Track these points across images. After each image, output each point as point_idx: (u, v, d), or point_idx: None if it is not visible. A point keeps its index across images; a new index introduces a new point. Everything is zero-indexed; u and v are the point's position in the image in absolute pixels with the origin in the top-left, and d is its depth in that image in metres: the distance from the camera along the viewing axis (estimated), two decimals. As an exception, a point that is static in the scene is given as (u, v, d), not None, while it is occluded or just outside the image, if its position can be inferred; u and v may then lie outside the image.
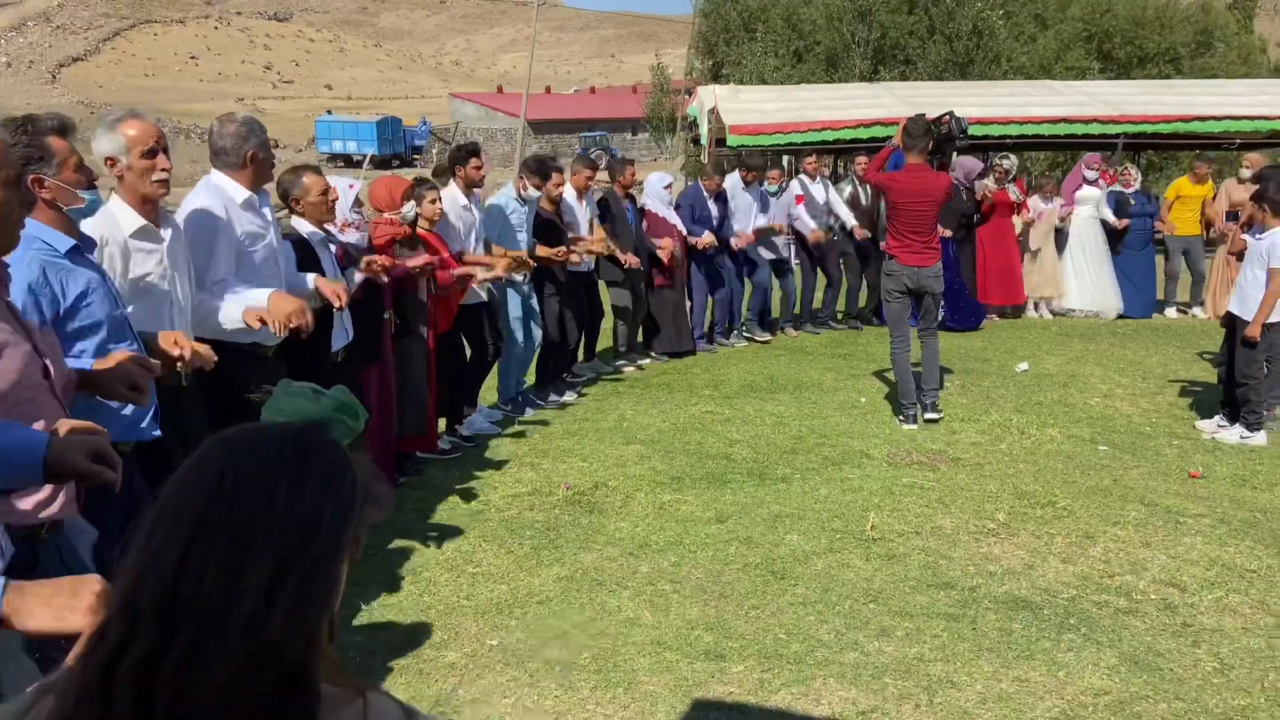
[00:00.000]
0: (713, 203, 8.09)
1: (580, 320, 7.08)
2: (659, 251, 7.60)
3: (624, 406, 6.65)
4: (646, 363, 7.92)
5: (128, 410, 2.61)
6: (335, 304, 3.78)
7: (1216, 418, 6.07)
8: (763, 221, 8.45)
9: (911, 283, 6.14)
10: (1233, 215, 9.08)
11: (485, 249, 6.03)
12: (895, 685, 3.19)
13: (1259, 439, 5.75)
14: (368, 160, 38.23)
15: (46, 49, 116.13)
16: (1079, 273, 9.86)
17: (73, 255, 2.47)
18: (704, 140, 13.96)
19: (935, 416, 6.20)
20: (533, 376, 6.87)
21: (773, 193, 8.67)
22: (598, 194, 7.46)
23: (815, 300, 9.35)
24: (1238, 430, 5.82)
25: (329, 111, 60.49)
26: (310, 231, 4.13)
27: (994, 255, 9.61)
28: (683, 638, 3.51)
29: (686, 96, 20.52)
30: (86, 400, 2.29)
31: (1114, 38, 24.04)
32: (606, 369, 7.65)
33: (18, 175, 2.00)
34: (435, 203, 5.29)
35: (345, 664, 2.28)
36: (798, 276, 9.10)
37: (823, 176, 9.19)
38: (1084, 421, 6.23)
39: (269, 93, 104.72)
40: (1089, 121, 13.17)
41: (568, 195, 6.86)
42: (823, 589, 3.89)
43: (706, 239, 7.89)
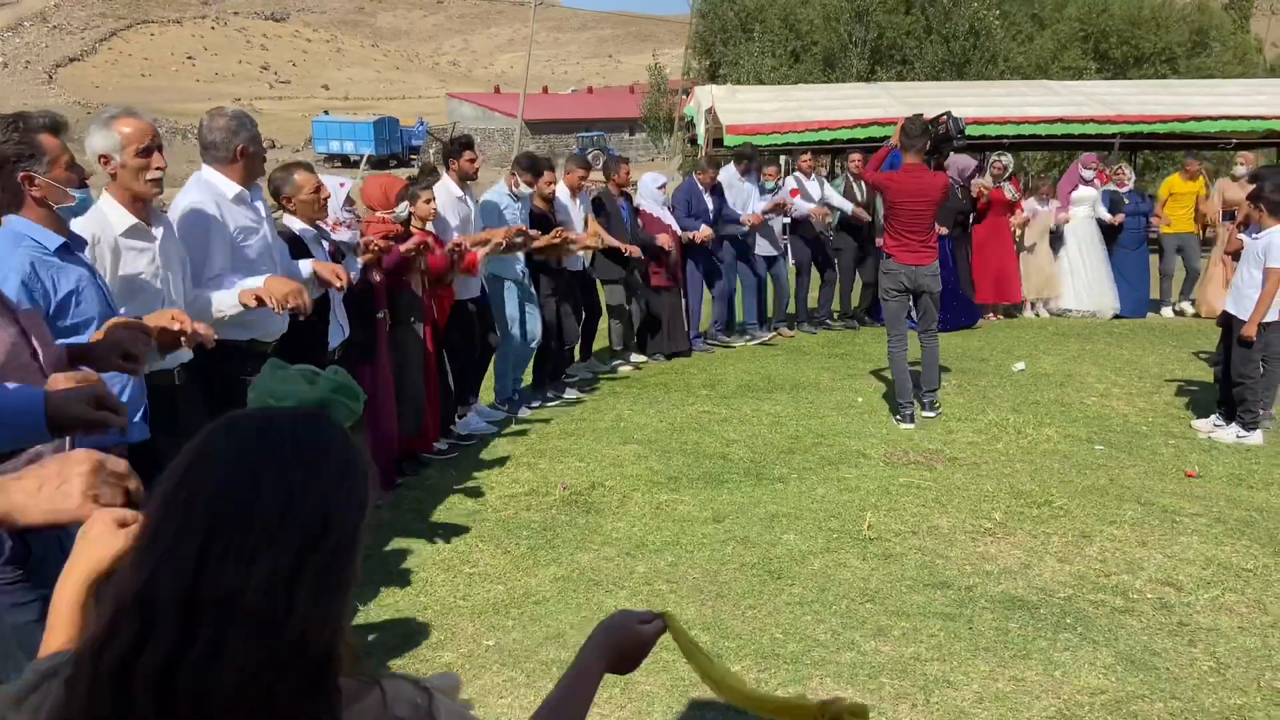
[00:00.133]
0: (708, 196, 8.10)
1: (577, 319, 7.08)
2: (659, 240, 7.59)
3: (621, 406, 6.64)
4: (642, 360, 7.92)
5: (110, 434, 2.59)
6: (336, 284, 3.77)
7: (1213, 417, 6.07)
8: (766, 205, 8.43)
9: (909, 281, 6.14)
10: (1229, 215, 9.10)
11: None
12: (892, 685, 3.19)
13: (1255, 438, 5.75)
14: (365, 160, 38.16)
15: (43, 49, 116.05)
16: (1076, 272, 9.88)
17: (62, 253, 2.46)
18: (701, 140, 13.98)
19: (932, 415, 6.22)
20: (529, 377, 6.86)
21: (770, 189, 8.71)
22: (593, 193, 7.46)
23: (810, 300, 9.36)
24: (1234, 429, 5.83)
25: (326, 112, 60.41)
26: (302, 229, 4.13)
27: (990, 255, 9.63)
28: (679, 638, 3.50)
29: (684, 97, 20.53)
30: None
31: (1110, 37, 24.09)
32: (603, 368, 7.64)
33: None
34: (430, 202, 5.28)
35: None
36: (791, 275, 9.11)
37: (818, 174, 9.20)
38: (1080, 421, 6.24)
39: (266, 93, 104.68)
40: (1085, 121, 13.21)
41: (561, 194, 6.84)
42: (819, 589, 3.89)
43: (704, 232, 7.90)
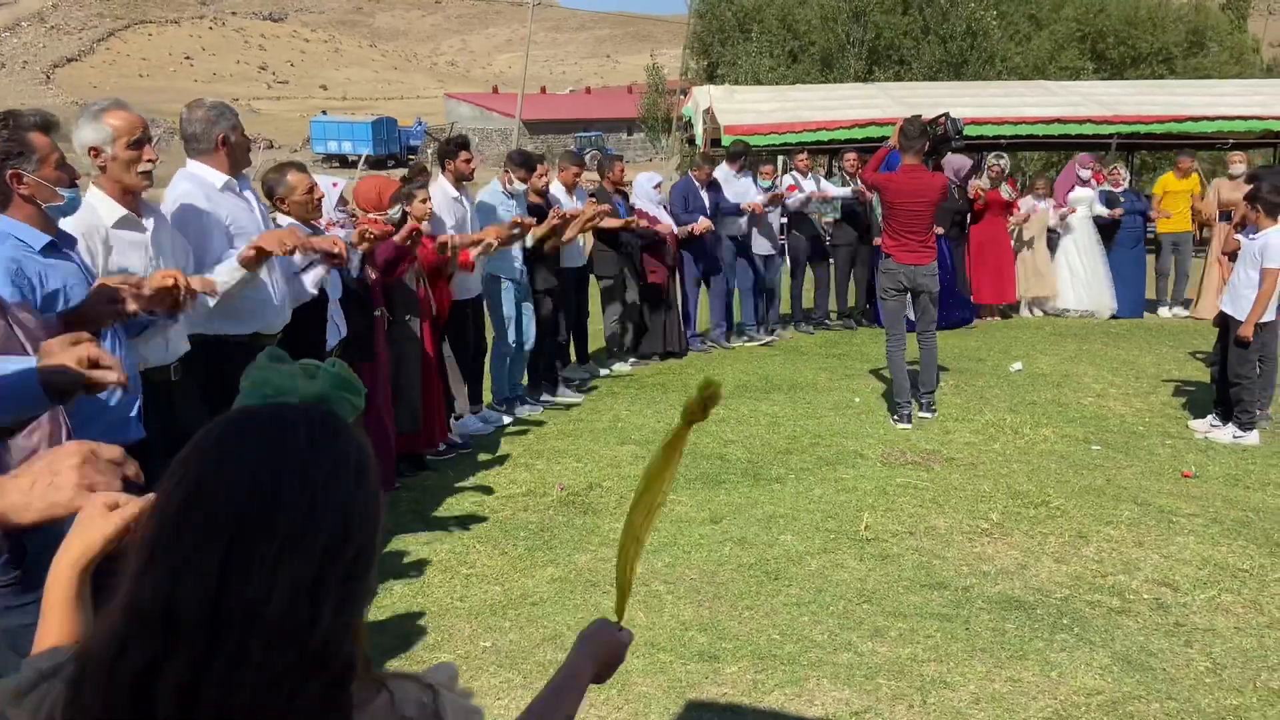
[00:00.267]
0: (704, 192, 8.13)
1: (568, 318, 7.08)
2: (657, 228, 7.61)
3: (618, 407, 6.64)
4: (640, 362, 7.91)
5: (113, 400, 2.57)
6: (333, 250, 3.76)
7: (1209, 417, 6.08)
8: (767, 195, 8.45)
9: (907, 281, 6.15)
10: (1225, 215, 9.10)
11: None
12: (889, 686, 3.19)
13: (1251, 438, 5.76)
14: (363, 161, 38.15)
15: (41, 49, 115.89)
16: (1073, 272, 9.89)
17: (48, 251, 2.44)
18: (699, 140, 13.97)
19: (929, 416, 6.22)
20: (526, 378, 6.86)
21: (767, 188, 8.73)
22: (589, 189, 7.48)
23: (806, 299, 9.36)
24: (1230, 430, 5.83)
25: (324, 112, 60.41)
26: (296, 228, 4.12)
27: (987, 255, 9.63)
28: (677, 639, 3.50)
29: (682, 97, 20.50)
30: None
31: (1107, 38, 24.09)
32: (601, 370, 7.64)
33: None
34: (426, 201, 5.28)
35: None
36: (785, 274, 9.12)
37: (814, 173, 9.22)
38: (1077, 421, 6.24)
39: (264, 93, 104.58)
40: (1083, 122, 13.21)
41: (557, 191, 6.91)
42: (816, 589, 3.89)
43: (702, 224, 7.92)
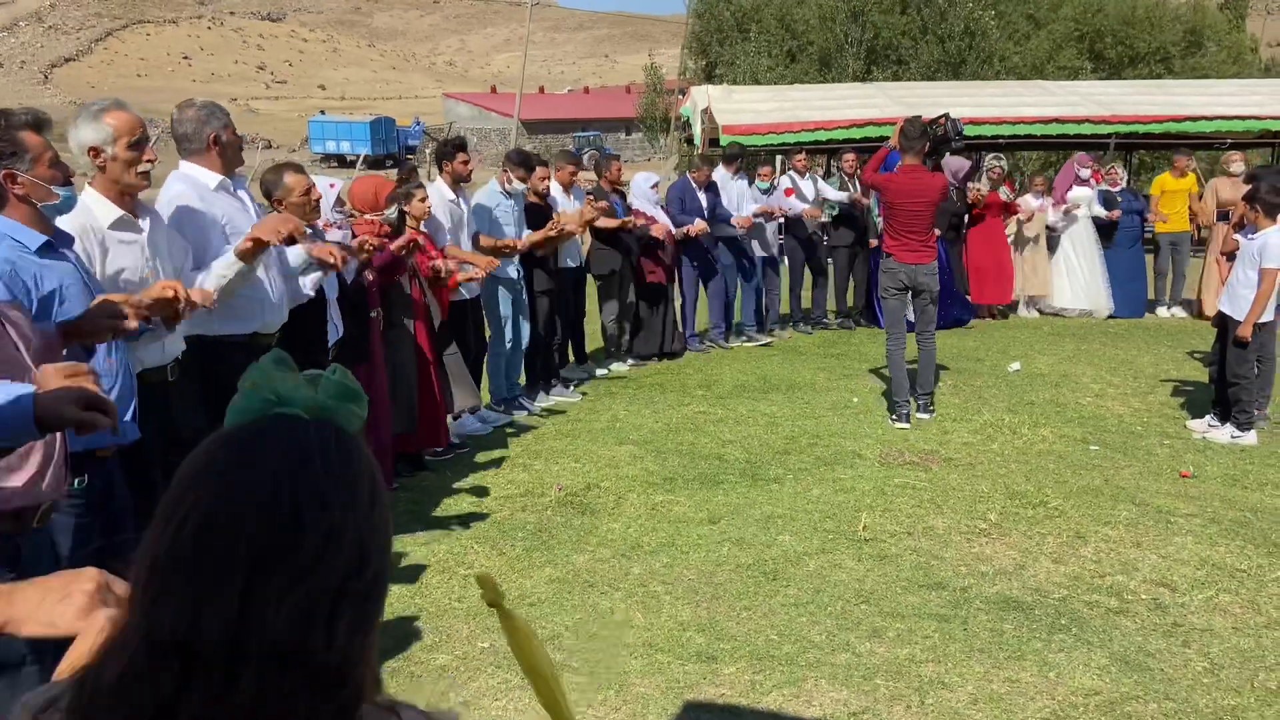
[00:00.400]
0: (702, 194, 8.13)
1: (565, 318, 7.08)
2: (653, 230, 7.61)
3: (616, 407, 6.64)
4: (638, 362, 7.90)
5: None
6: (331, 260, 3.77)
7: (1207, 417, 6.08)
8: (758, 207, 8.45)
9: (908, 280, 6.16)
10: (1223, 215, 9.11)
11: (474, 243, 6.02)
12: (887, 686, 3.19)
13: (1249, 439, 5.76)
14: (361, 161, 38.14)
15: (38, 49, 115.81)
16: (1071, 272, 9.88)
17: (45, 252, 2.42)
18: (697, 140, 13.97)
19: (927, 416, 6.22)
20: (524, 378, 6.85)
21: (764, 189, 8.72)
22: (586, 190, 7.48)
23: (804, 299, 9.37)
24: (1228, 430, 5.84)
25: (322, 112, 60.29)
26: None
27: (986, 256, 9.63)
28: (674, 639, 3.50)
29: (680, 97, 20.50)
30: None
31: (1105, 37, 24.12)
32: (598, 370, 7.64)
33: None
34: (424, 201, 5.27)
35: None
36: (784, 276, 9.12)
37: (812, 173, 9.22)
38: (1076, 421, 6.24)
39: (262, 93, 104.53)
40: (1081, 121, 13.22)
41: (555, 190, 6.92)
42: (814, 590, 3.89)
43: (699, 225, 7.91)
